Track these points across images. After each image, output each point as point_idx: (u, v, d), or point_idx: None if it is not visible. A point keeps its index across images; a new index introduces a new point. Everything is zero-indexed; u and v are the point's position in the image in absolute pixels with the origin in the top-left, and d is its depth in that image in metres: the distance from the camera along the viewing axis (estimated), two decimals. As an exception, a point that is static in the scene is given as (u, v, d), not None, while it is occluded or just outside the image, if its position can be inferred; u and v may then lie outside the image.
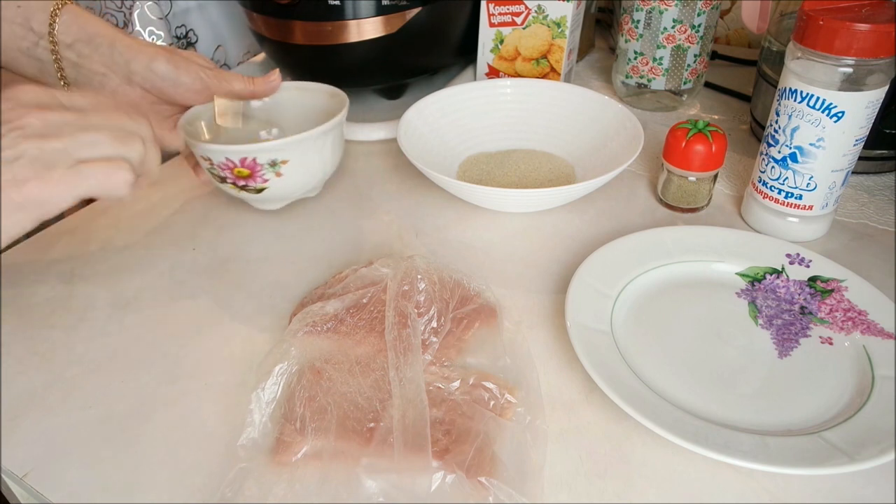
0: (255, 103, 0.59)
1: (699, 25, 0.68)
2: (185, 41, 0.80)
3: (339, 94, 0.58)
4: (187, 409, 0.41)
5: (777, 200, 0.52)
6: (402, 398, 0.37)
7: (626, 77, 0.74)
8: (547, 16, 0.71)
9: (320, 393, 0.39)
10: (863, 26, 0.43)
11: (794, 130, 0.49)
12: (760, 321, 0.46)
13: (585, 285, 0.47)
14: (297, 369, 0.40)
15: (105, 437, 0.40)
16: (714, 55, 0.83)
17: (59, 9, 0.50)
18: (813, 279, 0.48)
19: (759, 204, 0.54)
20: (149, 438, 0.40)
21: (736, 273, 0.50)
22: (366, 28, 0.64)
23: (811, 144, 0.49)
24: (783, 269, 0.49)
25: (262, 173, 0.52)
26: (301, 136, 0.51)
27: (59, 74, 0.51)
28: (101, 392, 0.43)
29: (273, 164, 0.51)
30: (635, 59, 0.72)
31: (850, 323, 0.45)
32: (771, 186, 0.52)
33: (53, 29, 0.50)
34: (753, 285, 0.49)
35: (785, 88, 0.49)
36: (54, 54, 0.50)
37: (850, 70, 0.45)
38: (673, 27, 0.68)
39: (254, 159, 0.50)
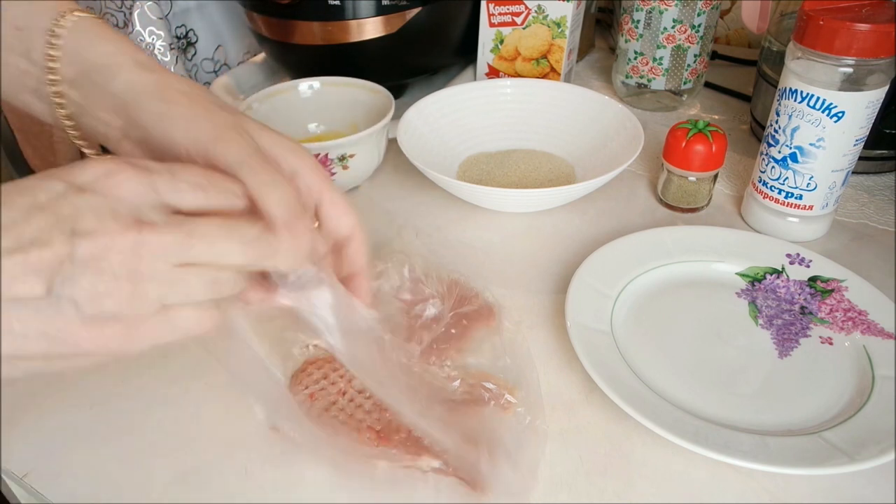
0: (302, 94, 0.64)
1: (699, 25, 0.68)
2: (185, 41, 0.80)
3: (380, 89, 0.62)
4: (187, 409, 0.41)
5: (777, 200, 0.52)
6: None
7: (626, 77, 0.74)
8: (547, 16, 0.71)
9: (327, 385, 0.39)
10: (863, 26, 0.43)
11: (794, 130, 0.49)
12: (760, 321, 0.46)
13: (585, 285, 0.47)
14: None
15: (105, 437, 0.40)
16: (714, 55, 0.82)
17: (57, 27, 0.35)
18: (813, 279, 0.48)
19: (759, 204, 0.54)
20: (149, 438, 0.40)
21: (736, 273, 0.50)
22: (366, 28, 0.64)
23: (811, 144, 0.49)
24: (783, 269, 0.49)
25: (331, 167, 0.55)
26: (370, 130, 0.55)
27: (66, 125, 0.37)
28: (101, 392, 0.43)
29: (342, 158, 0.55)
30: (635, 59, 0.72)
31: (850, 323, 0.45)
32: (771, 186, 0.52)
33: (52, 59, 0.35)
34: (753, 285, 0.49)
35: (785, 88, 0.49)
36: (57, 96, 0.36)
37: (850, 70, 0.45)
38: (673, 27, 0.68)
39: (325, 155, 0.54)
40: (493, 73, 0.76)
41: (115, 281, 0.25)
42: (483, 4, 0.72)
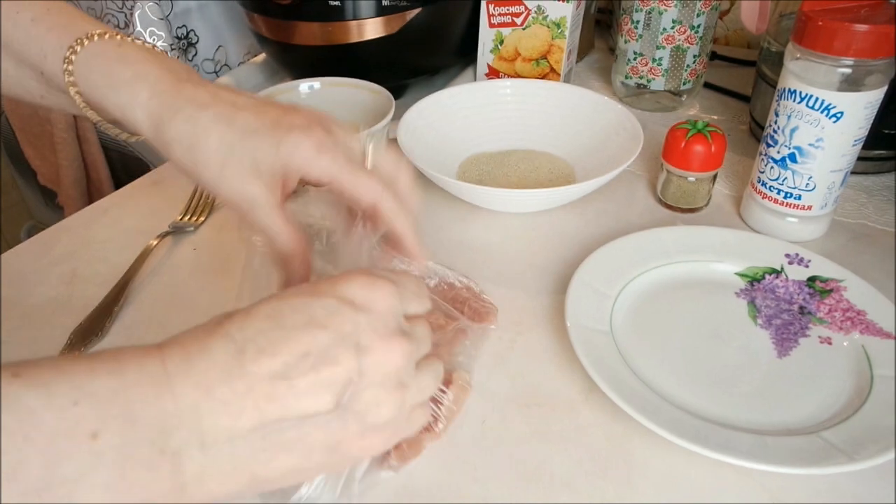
0: (302, 95, 0.64)
1: (698, 26, 0.68)
2: (185, 41, 0.80)
3: (380, 90, 0.62)
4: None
5: (776, 200, 0.52)
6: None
7: (626, 77, 0.74)
8: (547, 16, 0.71)
9: None
10: (862, 27, 0.44)
11: (793, 131, 0.49)
12: (760, 321, 0.46)
13: (585, 285, 0.47)
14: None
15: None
16: (713, 56, 0.83)
17: (71, 61, 0.36)
18: (812, 279, 0.48)
19: (758, 204, 0.54)
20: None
21: (735, 273, 0.50)
22: (366, 28, 0.65)
23: (810, 145, 0.49)
24: (782, 269, 0.49)
25: None
26: (370, 130, 0.55)
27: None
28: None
29: None
30: (635, 59, 0.72)
31: (848, 323, 0.45)
32: (770, 187, 0.52)
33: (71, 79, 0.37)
34: (753, 285, 0.49)
35: (784, 89, 0.49)
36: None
37: (848, 70, 0.45)
38: (672, 28, 0.68)
39: None
40: (493, 73, 0.76)
41: (389, 390, 0.27)
42: (483, 5, 0.72)
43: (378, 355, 0.27)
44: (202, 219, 0.59)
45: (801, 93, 0.47)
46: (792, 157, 0.50)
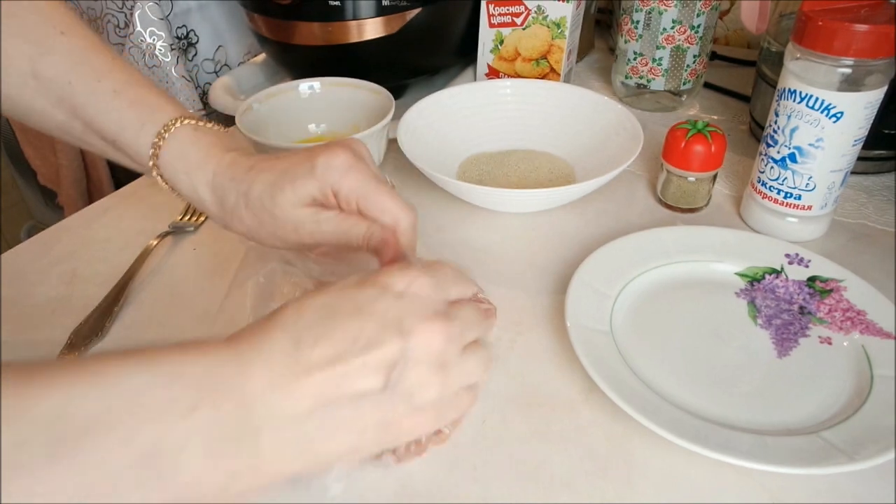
0: (302, 95, 0.64)
1: (698, 26, 0.68)
2: (185, 41, 0.80)
3: (380, 90, 0.63)
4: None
5: (776, 200, 0.52)
6: None
7: (626, 77, 0.74)
8: (547, 16, 0.71)
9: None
10: (862, 27, 0.44)
11: (793, 131, 0.49)
12: (759, 321, 0.46)
13: (585, 285, 0.47)
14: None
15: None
16: (713, 56, 0.83)
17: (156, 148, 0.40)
18: (812, 279, 0.48)
19: (758, 204, 0.54)
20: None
21: (735, 273, 0.50)
22: (366, 28, 0.65)
23: (810, 145, 0.49)
24: (782, 268, 0.49)
25: None
26: (370, 130, 0.56)
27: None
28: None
29: None
30: (635, 59, 0.72)
31: (848, 323, 0.45)
32: (770, 187, 0.52)
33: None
34: (753, 285, 0.49)
35: (784, 89, 0.49)
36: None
37: (848, 70, 0.45)
38: (672, 28, 0.68)
39: None
40: (493, 73, 0.76)
41: (432, 371, 0.29)
42: (483, 5, 0.72)
43: (420, 337, 0.29)
44: (202, 219, 0.59)
45: (801, 93, 0.47)
46: (792, 157, 0.50)
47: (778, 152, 0.51)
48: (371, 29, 0.65)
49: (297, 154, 0.39)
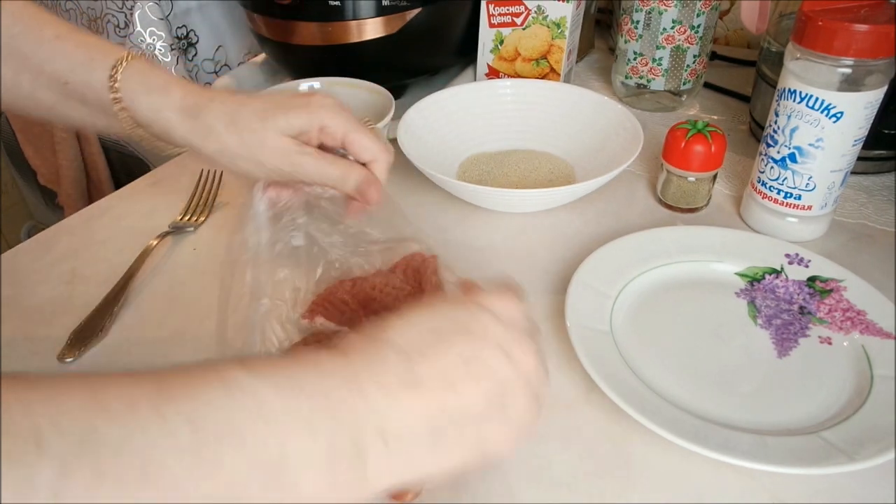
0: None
1: (698, 26, 0.68)
2: (185, 41, 0.80)
3: (380, 90, 0.63)
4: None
5: (776, 200, 0.52)
6: None
7: (626, 77, 0.74)
8: (547, 16, 0.71)
9: None
10: (862, 27, 0.44)
11: (793, 131, 0.49)
12: (759, 321, 0.46)
13: (585, 285, 0.47)
14: None
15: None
16: (713, 56, 0.83)
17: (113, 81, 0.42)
18: (812, 279, 0.48)
19: (758, 204, 0.54)
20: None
21: (735, 273, 0.50)
22: (366, 28, 0.65)
23: (810, 145, 0.49)
24: (782, 269, 0.49)
25: None
26: (374, 128, 0.55)
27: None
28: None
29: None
30: (635, 59, 0.72)
31: (848, 323, 0.45)
32: (770, 187, 0.52)
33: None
34: (753, 285, 0.49)
35: (784, 89, 0.49)
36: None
37: (848, 70, 0.45)
38: (672, 28, 0.68)
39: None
40: (493, 73, 0.76)
41: (527, 391, 0.30)
42: (483, 5, 0.72)
43: (523, 360, 0.30)
44: (202, 219, 0.59)
45: (801, 93, 0.47)
46: (792, 157, 0.50)
47: (778, 152, 0.51)
48: (371, 29, 0.65)
49: (284, 93, 0.43)
